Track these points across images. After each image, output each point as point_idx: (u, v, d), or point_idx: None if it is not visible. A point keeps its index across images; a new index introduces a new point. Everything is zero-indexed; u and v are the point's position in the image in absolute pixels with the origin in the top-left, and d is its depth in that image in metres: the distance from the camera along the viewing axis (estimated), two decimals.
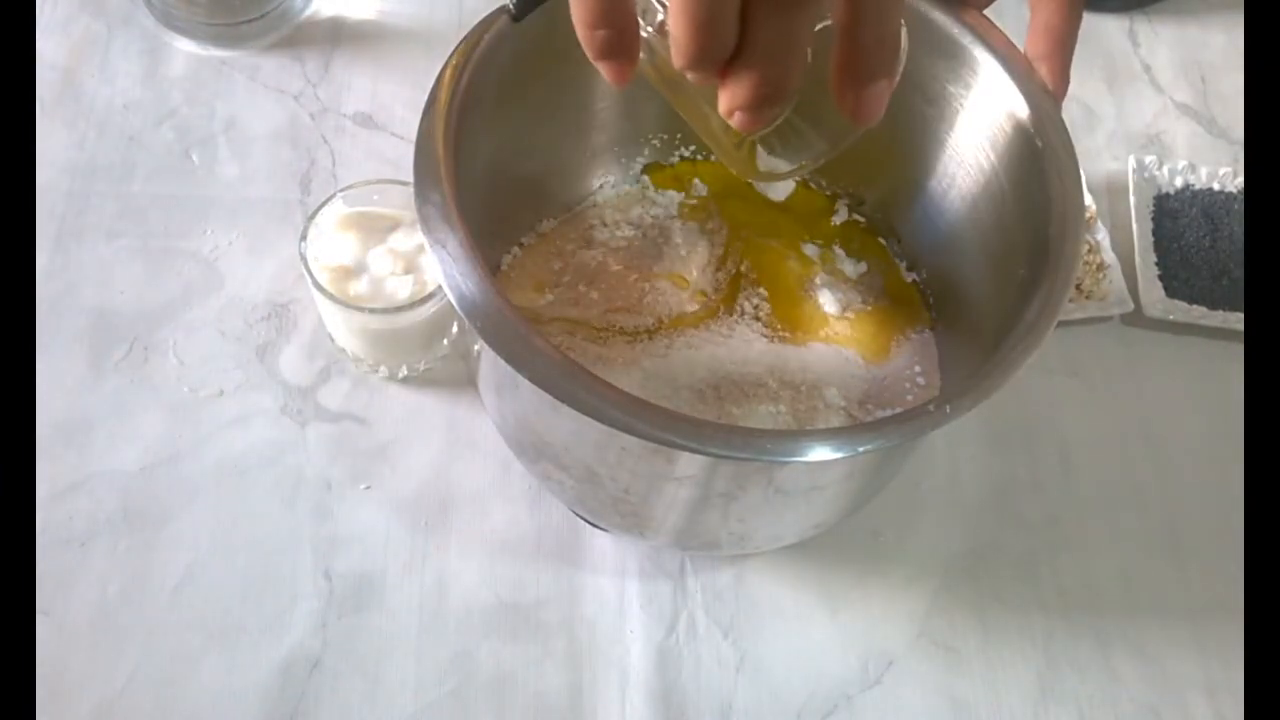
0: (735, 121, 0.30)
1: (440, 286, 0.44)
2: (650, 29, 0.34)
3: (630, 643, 0.51)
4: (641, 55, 0.34)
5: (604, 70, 0.31)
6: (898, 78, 0.32)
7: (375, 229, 0.53)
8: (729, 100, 0.30)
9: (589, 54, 0.31)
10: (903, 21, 0.33)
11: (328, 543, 0.52)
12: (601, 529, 0.53)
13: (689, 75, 0.30)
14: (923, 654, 0.52)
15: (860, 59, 0.31)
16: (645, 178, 0.58)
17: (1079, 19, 0.45)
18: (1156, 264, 0.63)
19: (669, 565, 0.53)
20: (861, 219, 0.58)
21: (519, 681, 0.50)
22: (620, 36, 0.30)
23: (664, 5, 0.32)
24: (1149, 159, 0.66)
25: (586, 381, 0.38)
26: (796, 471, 0.42)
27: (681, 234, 0.56)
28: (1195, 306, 0.62)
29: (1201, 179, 0.66)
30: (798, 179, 0.56)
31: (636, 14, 0.31)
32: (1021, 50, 0.47)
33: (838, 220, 0.58)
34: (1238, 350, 0.62)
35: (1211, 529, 0.56)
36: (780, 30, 0.28)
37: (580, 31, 0.30)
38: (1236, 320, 0.61)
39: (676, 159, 0.59)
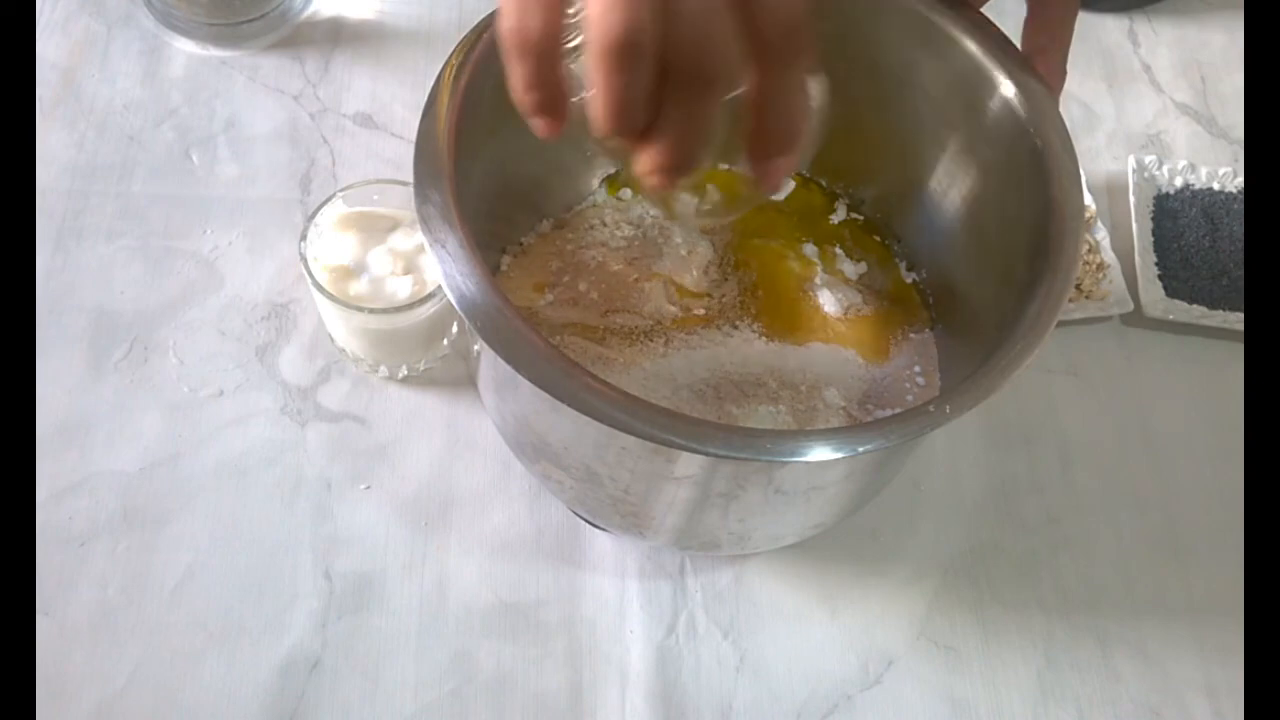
0: (648, 183, 0.34)
1: (440, 286, 0.44)
2: (586, 94, 0.36)
3: (630, 643, 0.51)
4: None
5: (534, 126, 0.34)
6: (803, 154, 0.36)
7: (375, 229, 0.53)
8: (642, 165, 0.33)
9: (521, 112, 0.34)
10: (816, 101, 0.37)
11: (328, 543, 0.52)
12: (601, 529, 0.53)
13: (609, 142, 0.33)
14: (923, 654, 0.52)
15: (768, 138, 0.34)
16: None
17: (1075, 12, 0.46)
18: (1156, 264, 0.63)
19: (669, 565, 0.53)
20: (859, 217, 0.58)
21: (519, 681, 0.50)
22: (550, 100, 0.33)
23: None
24: (1149, 159, 0.66)
25: (586, 381, 0.38)
26: (796, 471, 0.42)
27: (682, 234, 0.56)
28: (1195, 306, 0.62)
29: (1201, 179, 0.66)
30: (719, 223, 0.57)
31: (565, 82, 0.33)
32: (1021, 51, 0.47)
33: (836, 219, 0.58)
34: (1238, 350, 0.62)
35: (1211, 529, 0.56)
36: (687, 114, 0.32)
37: (514, 94, 0.33)
38: (1236, 320, 0.61)
39: None
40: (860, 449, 0.39)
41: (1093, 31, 0.74)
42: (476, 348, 0.48)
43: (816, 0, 0.33)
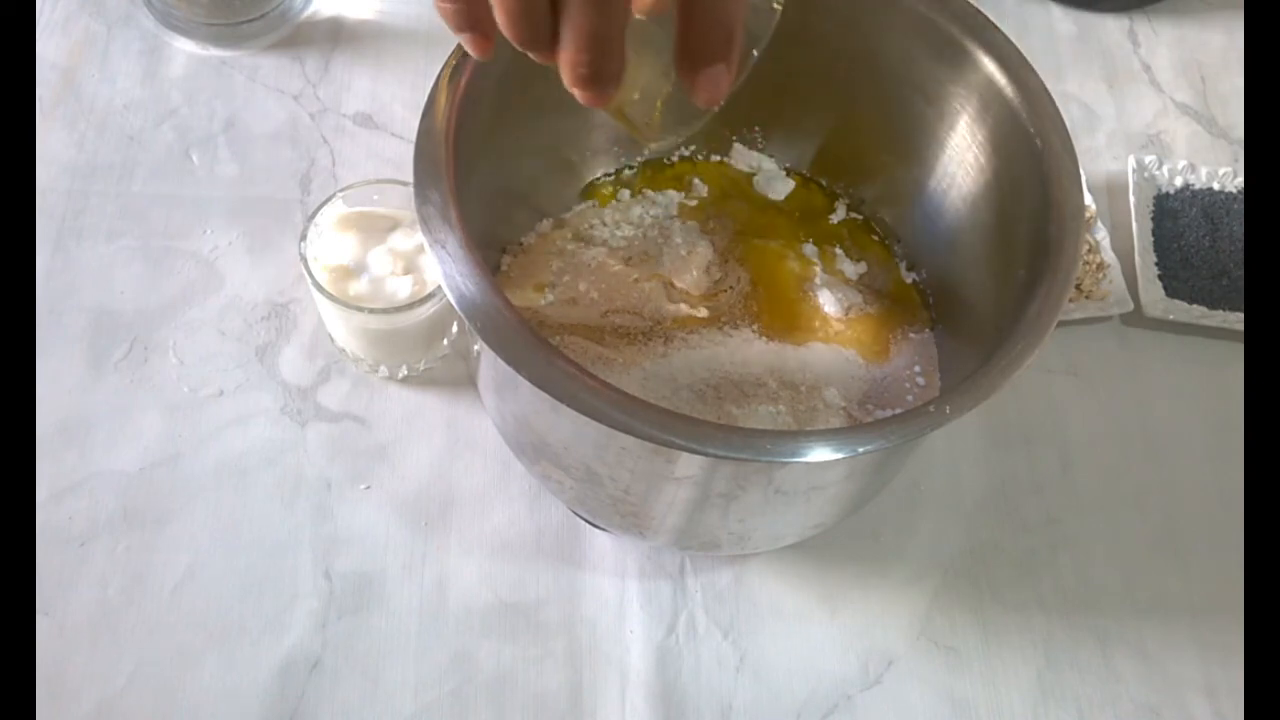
0: (577, 97, 0.33)
1: (440, 286, 0.44)
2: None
3: (630, 643, 0.51)
4: None
5: (464, 43, 0.33)
6: (739, 64, 0.34)
7: (375, 229, 0.53)
8: (564, 79, 0.32)
9: (450, 28, 0.33)
10: (777, 7, 0.35)
11: (328, 543, 0.52)
12: (601, 529, 0.53)
13: (532, 56, 0.33)
14: (923, 654, 0.52)
15: (695, 45, 0.32)
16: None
17: None
18: (1156, 264, 0.63)
19: (669, 565, 0.53)
20: (859, 217, 0.58)
21: (519, 681, 0.50)
22: (471, 15, 0.32)
23: None
24: (1149, 159, 0.66)
25: (586, 381, 0.38)
26: (796, 472, 0.42)
27: (681, 234, 0.56)
28: (1195, 306, 0.62)
29: (1201, 179, 0.66)
30: (676, 145, 0.57)
31: None
32: (1020, 51, 0.47)
33: (836, 219, 0.58)
34: (1238, 350, 0.62)
35: (1211, 529, 0.56)
36: (585, 23, 0.31)
37: (439, 12, 0.33)
38: (1236, 320, 0.61)
39: (676, 159, 0.59)
40: (860, 449, 0.39)
41: (1093, 31, 0.74)
42: (476, 348, 0.48)
43: None
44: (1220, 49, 0.74)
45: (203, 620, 0.50)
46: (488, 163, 0.47)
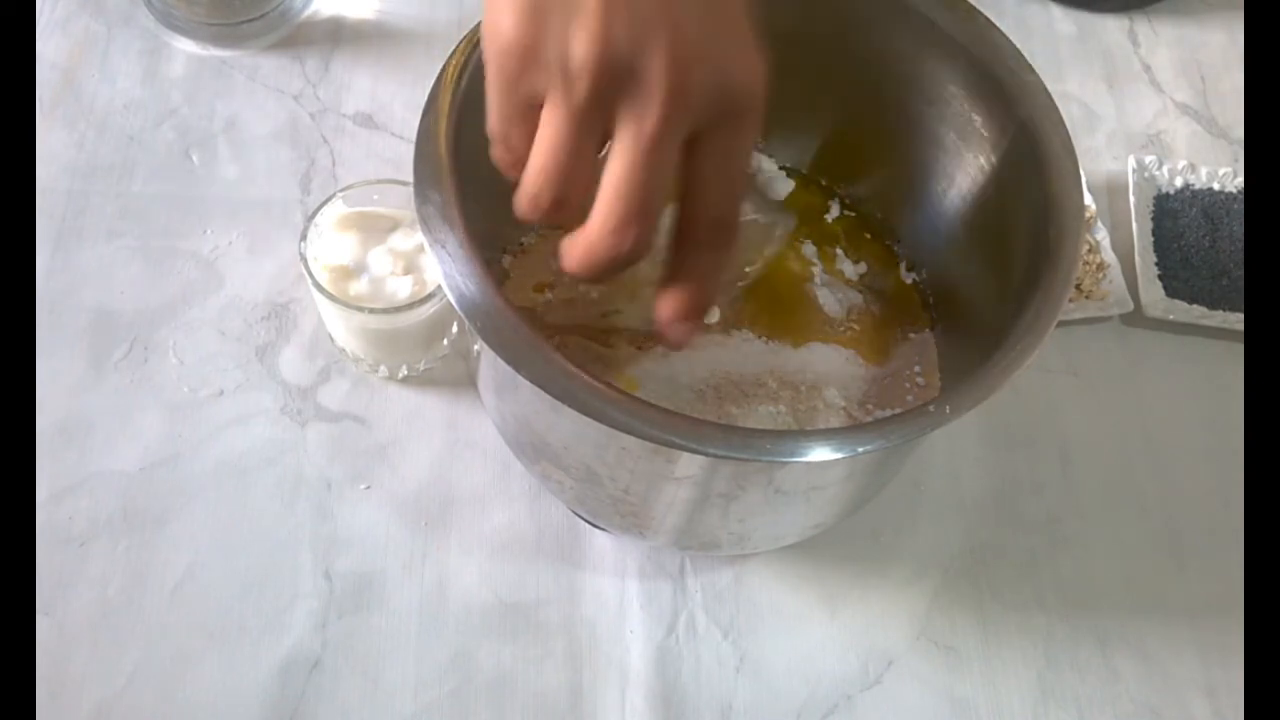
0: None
1: (440, 286, 0.44)
2: None
3: (630, 643, 0.51)
4: None
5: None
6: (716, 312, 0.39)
7: (375, 229, 0.53)
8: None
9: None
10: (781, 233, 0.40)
11: (328, 543, 0.52)
12: (601, 529, 0.53)
13: None
14: (923, 654, 0.52)
15: (674, 302, 0.37)
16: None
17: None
18: (1156, 264, 0.63)
19: (669, 565, 0.53)
20: (854, 214, 0.58)
21: (519, 681, 0.50)
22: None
23: None
24: (1149, 159, 0.66)
25: (586, 381, 0.38)
26: (796, 472, 0.42)
27: None
28: (1195, 306, 0.62)
29: (1201, 179, 0.66)
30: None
31: None
32: (1020, 51, 0.47)
33: (831, 217, 0.58)
34: (1238, 350, 0.62)
35: (1211, 529, 0.56)
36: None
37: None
38: (1236, 320, 0.61)
39: None
40: (860, 449, 0.39)
41: (1093, 31, 0.74)
42: (476, 348, 0.48)
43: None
44: (1220, 49, 0.74)
45: (203, 620, 0.50)
46: (488, 163, 0.47)
